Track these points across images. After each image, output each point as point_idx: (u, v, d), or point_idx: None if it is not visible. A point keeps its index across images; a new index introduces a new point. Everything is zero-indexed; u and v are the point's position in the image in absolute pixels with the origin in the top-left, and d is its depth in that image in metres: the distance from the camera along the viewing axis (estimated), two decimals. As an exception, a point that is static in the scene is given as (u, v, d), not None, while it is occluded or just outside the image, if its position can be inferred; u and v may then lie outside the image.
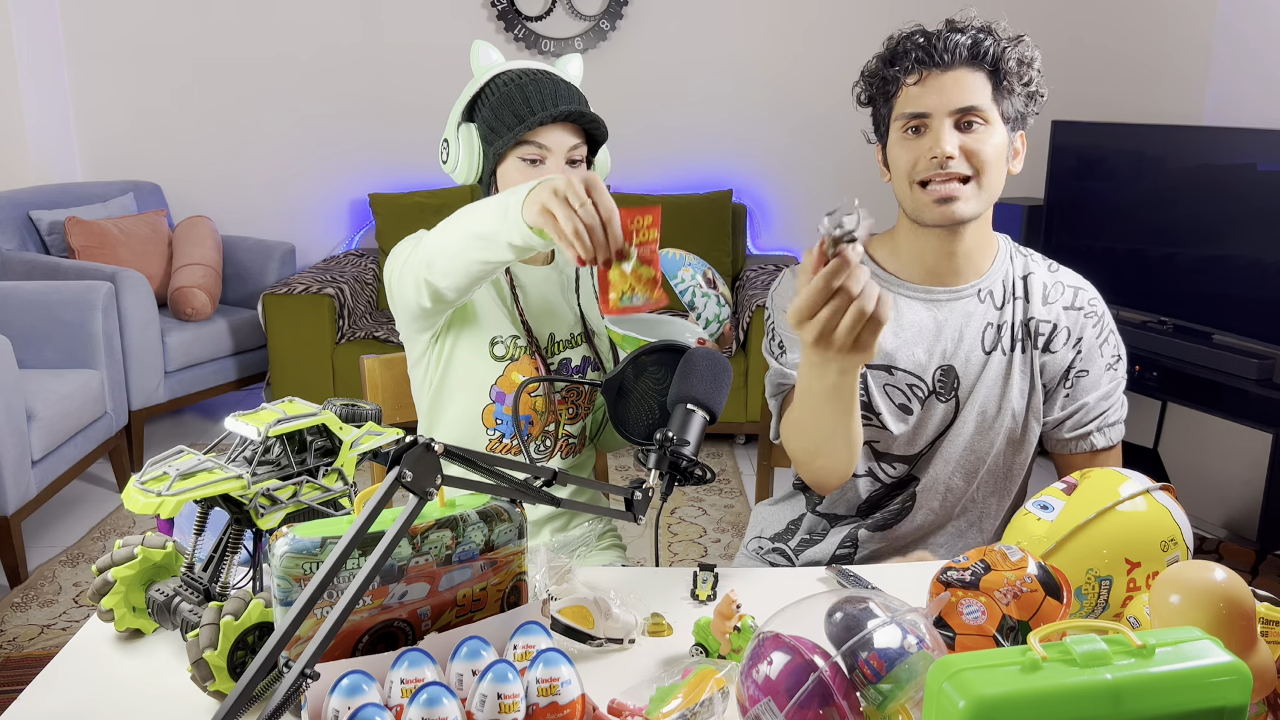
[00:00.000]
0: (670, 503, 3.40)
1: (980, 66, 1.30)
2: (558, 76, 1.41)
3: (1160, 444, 3.20)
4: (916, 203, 1.33)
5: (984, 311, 1.40)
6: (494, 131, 1.39)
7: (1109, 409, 1.44)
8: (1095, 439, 1.43)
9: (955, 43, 1.30)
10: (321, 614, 0.88)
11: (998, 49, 1.30)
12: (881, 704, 0.84)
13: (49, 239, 3.86)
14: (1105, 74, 4.40)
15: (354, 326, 3.88)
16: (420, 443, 0.81)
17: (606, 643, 1.06)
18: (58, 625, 2.59)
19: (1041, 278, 1.43)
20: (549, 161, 1.39)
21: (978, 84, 1.30)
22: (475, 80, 1.42)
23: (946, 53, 1.30)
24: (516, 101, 1.37)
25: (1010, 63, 1.31)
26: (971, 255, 1.39)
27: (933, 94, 1.30)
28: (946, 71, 1.30)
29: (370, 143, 4.48)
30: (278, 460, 1.05)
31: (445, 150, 1.45)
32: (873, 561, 1.47)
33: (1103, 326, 1.43)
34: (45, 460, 2.90)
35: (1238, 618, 0.84)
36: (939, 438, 1.42)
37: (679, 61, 4.46)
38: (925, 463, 1.43)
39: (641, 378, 1.23)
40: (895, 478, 1.44)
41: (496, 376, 1.46)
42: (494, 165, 1.41)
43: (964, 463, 1.42)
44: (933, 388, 1.40)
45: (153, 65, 4.38)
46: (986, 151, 1.30)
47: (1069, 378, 1.42)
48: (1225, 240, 3.19)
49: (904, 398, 1.40)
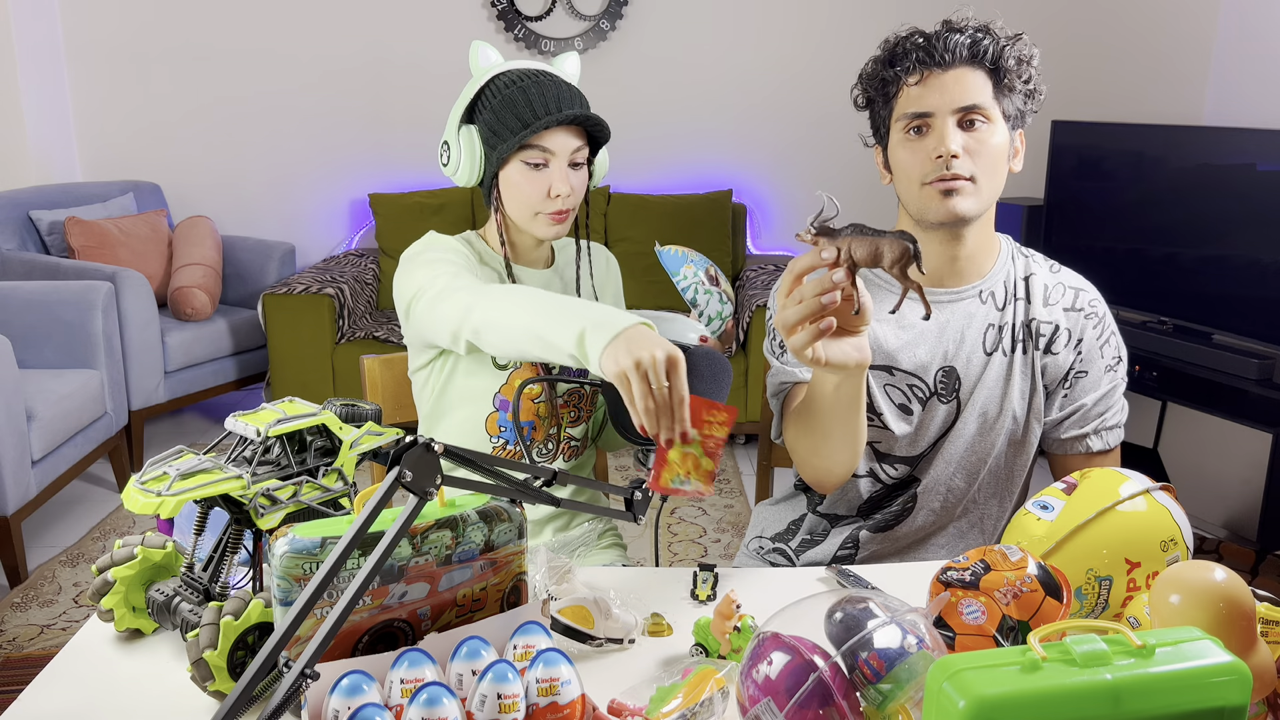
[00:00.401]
0: (670, 503, 3.40)
1: (980, 65, 1.31)
2: (558, 78, 1.41)
3: (1160, 444, 3.20)
4: (922, 202, 1.33)
5: (985, 313, 1.40)
6: (496, 135, 1.39)
7: (1108, 411, 1.44)
8: (1092, 441, 1.43)
9: (955, 42, 1.30)
10: (321, 614, 0.88)
11: (997, 47, 1.30)
12: (881, 704, 0.84)
13: (49, 239, 3.86)
14: (1105, 74, 4.41)
15: (354, 326, 3.88)
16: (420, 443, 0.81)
17: (606, 643, 1.06)
18: (58, 625, 2.59)
19: (1043, 279, 1.43)
20: (552, 164, 1.40)
21: (978, 82, 1.30)
22: (474, 81, 1.42)
23: (947, 52, 1.30)
24: (519, 105, 1.37)
25: (1010, 61, 1.31)
26: (974, 257, 1.39)
27: (935, 93, 1.30)
28: (947, 70, 1.30)
29: (370, 143, 4.48)
30: (278, 460, 1.05)
31: (446, 153, 1.44)
32: (873, 563, 1.46)
33: (1103, 328, 1.43)
34: (45, 460, 2.90)
35: (1238, 618, 0.84)
36: (941, 439, 1.41)
37: (679, 61, 4.46)
38: (927, 464, 1.42)
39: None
40: (896, 478, 1.44)
41: (500, 385, 1.46)
42: (496, 169, 1.41)
43: (965, 464, 1.42)
44: (934, 389, 1.40)
45: (153, 65, 4.38)
46: (989, 150, 1.30)
47: (1068, 379, 1.42)
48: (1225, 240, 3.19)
49: (904, 398, 1.40)
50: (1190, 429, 3.10)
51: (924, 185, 1.31)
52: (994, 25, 1.33)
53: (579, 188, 1.43)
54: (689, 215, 4.21)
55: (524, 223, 1.44)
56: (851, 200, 4.21)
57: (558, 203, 1.41)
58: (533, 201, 1.41)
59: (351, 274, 4.04)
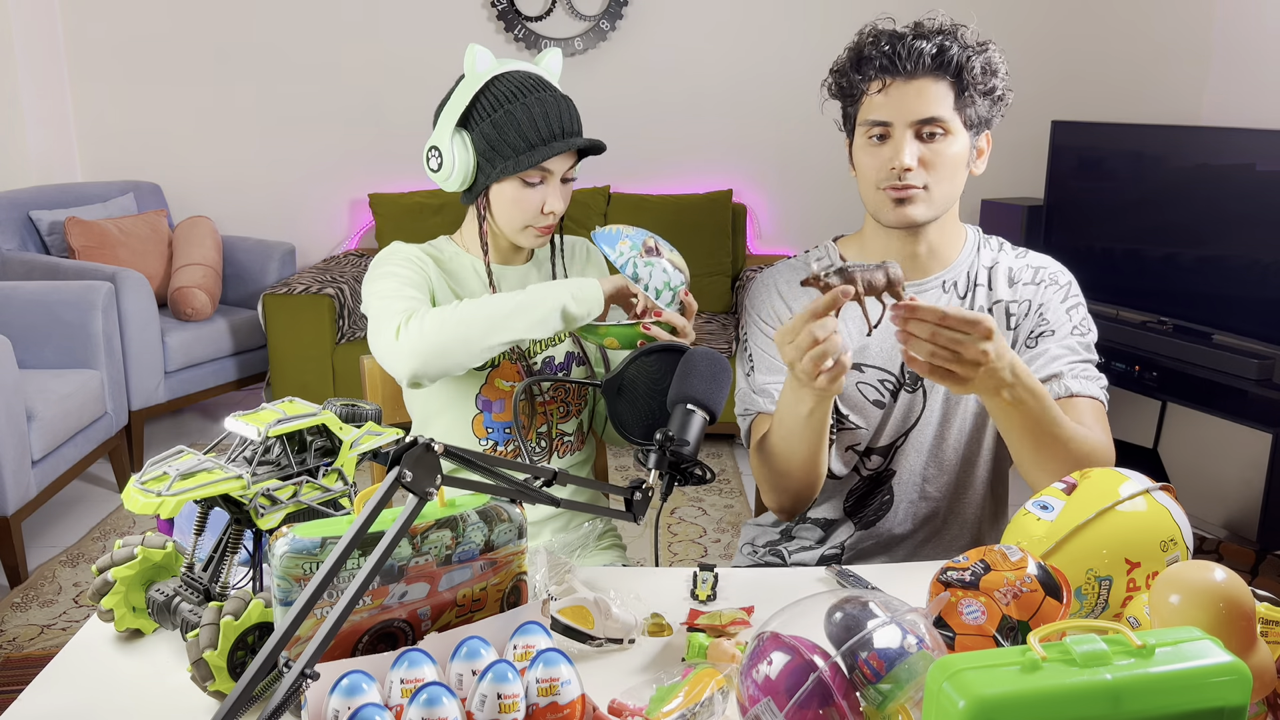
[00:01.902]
0: (670, 503, 3.40)
1: (943, 75, 1.31)
2: (556, 90, 1.41)
3: (1160, 444, 3.19)
4: (877, 205, 1.37)
5: (947, 301, 1.42)
6: (495, 150, 1.39)
7: (1078, 364, 1.38)
8: (1070, 384, 1.36)
9: (919, 50, 1.30)
10: (321, 614, 0.88)
11: (962, 57, 1.30)
12: (881, 704, 0.84)
13: (49, 239, 3.86)
14: (1105, 74, 4.40)
15: (354, 326, 3.88)
16: (420, 443, 0.81)
17: (606, 643, 1.06)
18: (58, 625, 2.59)
19: (1008, 264, 1.45)
20: (548, 182, 1.42)
21: (940, 94, 1.31)
22: (468, 85, 1.40)
23: (910, 61, 1.30)
24: (523, 124, 1.37)
25: (974, 71, 1.31)
26: (936, 251, 1.42)
27: (895, 104, 1.31)
28: (910, 81, 1.31)
29: (370, 143, 4.48)
30: (278, 460, 1.05)
31: (436, 157, 1.41)
32: (861, 561, 1.47)
33: (1068, 294, 1.42)
34: (45, 460, 2.90)
35: (1238, 618, 0.84)
36: (911, 429, 1.44)
37: (679, 61, 4.46)
38: (900, 455, 1.45)
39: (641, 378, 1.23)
40: (873, 470, 1.46)
41: (480, 385, 1.47)
42: (490, 182, 1.41)
43: (935, 452, 1.44)
44: (901, 380, 1.42)
45: (153, 65, 4.38)
46: (945, 160, 1.32)
47: (1032, 338, 1.40)
48: (1225, 240, 3.19)
49: (876, 392, 1.43)
50: (1190, 429, 3.10)
51: (879, 189, 1.35)
52: (963, 31, 1.32)
53: (568, 200, 1.46)
54: (689, 215, 4.21)
55: (512, 234, 1.46)
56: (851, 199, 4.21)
57: (550, 219, 1.44)
58: (525, 217, 1.43)
59: (351, 274, 4.04)
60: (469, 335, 1.30)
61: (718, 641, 1.03)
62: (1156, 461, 3.19)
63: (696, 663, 1.00)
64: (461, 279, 1.49)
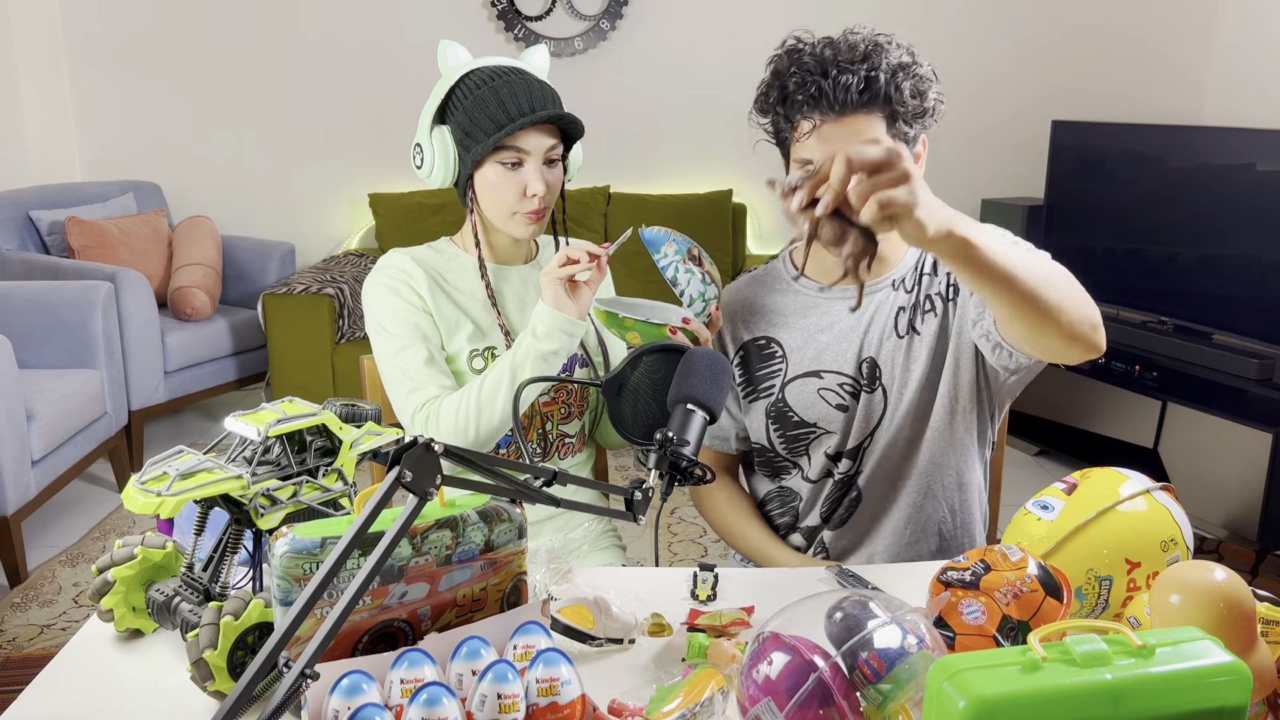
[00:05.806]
0: (670, 503, 3.40)
1: (873, 108, 1.29)
2: (529, 74, 1.41)
3: (1160, 444, 3.19)
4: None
5: (896, 299, 1.42)
6: (470, 136, 1.39)
7: None
8: None
9: (846, 86, 1.27)
10: (321, 614, 0.88)
11: (890, 86, 1.28)
12: (881, 704, 0.84)
13: (49, 239, 3.86)
14: (1105, 74, 4.40)
15: (354, 326, 3.88)
16: (420, 443, 0.81)
17: (606, 643, 1.06)
18: (58, 625, 2.59)
19: None
20: (527, 164, 1.40)
21: (872, 126, 1.29)
22: (444, 81, 1.41)
23: (838, 101, 1.28)
24: (491, 105, 1.37)
25: (903, 95, 1.29)
26: (884, 255, 1.43)
27: (827, 145, 1.29)
28: (840, 119, 1.29)
29: (370, 143, 4.48)
30: (278, 460, 1.05)
31: (419, 154, 1.44)
32: (841, 557, 1.48)
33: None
34: (45, 460, 2.90)
35: (1238, 618, 0.84)
36: (876, 428, 1.43)
37: (679, 61, 4.45)
38: (868, 454, 1.44)
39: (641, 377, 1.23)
40: (844, 474, 1.45)
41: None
42: (471, 170, 1.42)
43: (903, 450, 1.43)
44: (861, 381, 1.42)
45: (153, 65, 4.38)
46: None
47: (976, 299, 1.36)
48: (1225, 240, 3.19)
49: (838, 396, 1.43)
50: (1190, 429, 3.10)
51: None
52: (886, 49, 1.30)
53: (554, 185, 1.44)
54: (689, 215, 4.21)
55: (501, 223, 1.45)
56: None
57: (534, 202, 1.42)
58: (509, 202, 1.42)
59: (351, 274, 4.04)
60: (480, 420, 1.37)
61: (718, 641, 1.03)
62: (1157, 461, 3.19)
63: (697, 663, 1.00)
64: (461, 280, 1.49)
